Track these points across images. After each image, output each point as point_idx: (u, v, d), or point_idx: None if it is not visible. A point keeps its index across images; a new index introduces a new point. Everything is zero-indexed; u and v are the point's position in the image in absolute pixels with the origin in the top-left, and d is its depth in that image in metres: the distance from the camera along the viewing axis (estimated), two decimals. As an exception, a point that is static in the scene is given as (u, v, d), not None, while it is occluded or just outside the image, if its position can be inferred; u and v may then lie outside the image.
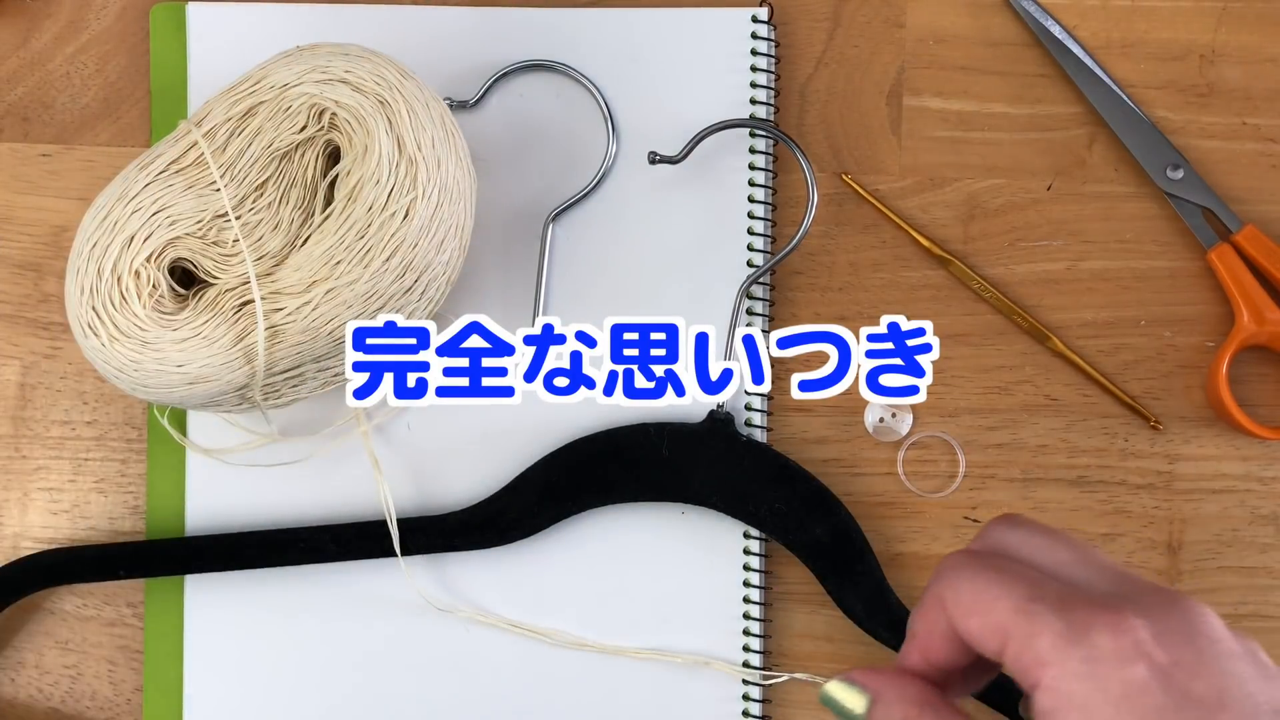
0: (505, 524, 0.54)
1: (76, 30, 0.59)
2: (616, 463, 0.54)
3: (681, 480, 0.54)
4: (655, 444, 0.54)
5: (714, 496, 0.54)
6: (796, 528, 0.53)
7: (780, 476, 0.54)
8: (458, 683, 0.57)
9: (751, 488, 0.53)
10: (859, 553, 0.53)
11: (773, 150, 0.57)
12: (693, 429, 0.54)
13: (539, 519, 0.54)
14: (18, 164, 0.59)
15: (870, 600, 0.54)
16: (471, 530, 0.54)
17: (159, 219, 0.51)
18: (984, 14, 0.57)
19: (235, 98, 0.51)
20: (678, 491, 0.54)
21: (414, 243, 0.50)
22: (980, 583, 0.34)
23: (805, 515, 0.53)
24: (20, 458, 0.59)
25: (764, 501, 0.53)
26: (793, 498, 0.53)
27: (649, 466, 0.54)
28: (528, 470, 0.55)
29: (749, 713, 0.56)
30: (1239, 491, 0.56)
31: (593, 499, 0.54)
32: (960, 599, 0.35)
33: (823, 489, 0.54)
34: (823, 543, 0.53)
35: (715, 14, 0.57)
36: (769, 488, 0.53)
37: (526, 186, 0.57)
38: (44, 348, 0.59)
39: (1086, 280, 0.57)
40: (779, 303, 0.57)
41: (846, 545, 0.53)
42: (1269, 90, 0.57)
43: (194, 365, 0.50)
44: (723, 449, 0.54)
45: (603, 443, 0.54)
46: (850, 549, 0.53)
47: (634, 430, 0.54)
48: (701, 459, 0.53)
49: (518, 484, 0.55)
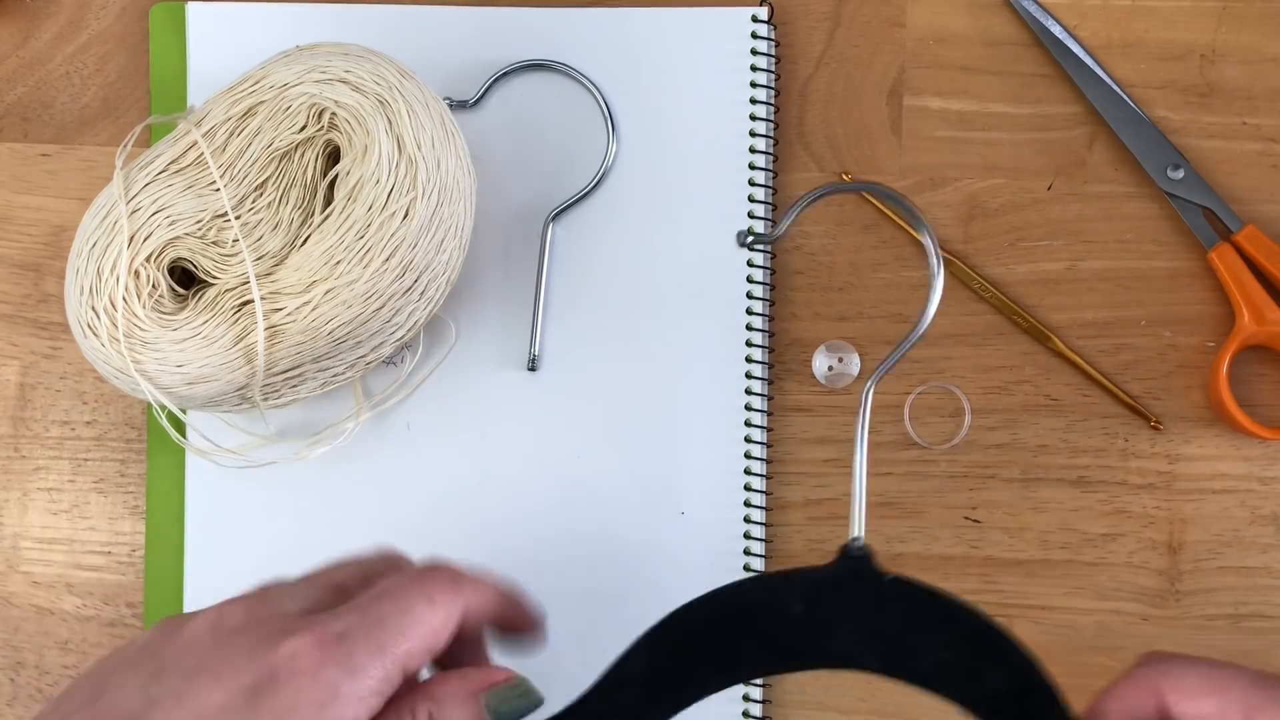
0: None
1: (76, 30, 0.59)
2: (738, 630, 0.42)
3: (822, 641, 0.42)
4: (783, 599, 0.42)
5: (865, 656, 0.42)
6: (969, 680, 0.41)
7: (939, 618, 0.42)
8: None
9: (907, 638, 0.42)
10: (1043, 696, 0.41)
11: (773, 150, 0.57)
12: (825, 574, 0.42)
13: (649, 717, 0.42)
14: (17, 164, 0.59)
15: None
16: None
17: (159, 219, 0.51)
18: (984, 14, 0.57)
19: (235, 97, 0.51)
20: (821, 655, 0.42)
21: (414, 243, 0.50)
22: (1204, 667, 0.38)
23: (978, 662, 0.41)
24: (20, 458, 0.59)
25: (926, 653, 0.41)
26: (959, 643, 0.41)
27: (779, 630, 0.42)
28: (626, 656, 0.42)
29: (749, 713, 0.56)
30: (1239, 492, 0.56)
31: (715, 681, 0.42)
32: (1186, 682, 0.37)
33: (989, 623, 0.41)
34: (1002, 694, 0.41)
35: (715, 14, 0.57)
36: (928, 635, 0.41)
37: (526, 186, 0.57)
38: (44, 348, 0.59)
39: (1087, 280, 0.57)
40: (779, 303, 0.57)
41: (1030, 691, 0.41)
42: (1269, 90, 0.57)
43: (193, 365, 0.50)
44: (866, 594, 0.42)
45: (717, 607, 0.42)
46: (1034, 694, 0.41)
47: (754, 586, 0.43)
48: (843, 610, 0.42)
49: (616, 678, 0.42)
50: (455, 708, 0.39)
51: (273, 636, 0.38)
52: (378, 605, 0.39)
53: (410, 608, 0.39)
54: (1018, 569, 0.56)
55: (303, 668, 0.37)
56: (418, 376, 0.57)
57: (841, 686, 0.56)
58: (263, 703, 0.36)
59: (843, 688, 0.56)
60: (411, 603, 0.39)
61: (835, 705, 0.57)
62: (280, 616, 0.40)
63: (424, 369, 0.57)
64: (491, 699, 0.39)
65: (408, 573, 0.41)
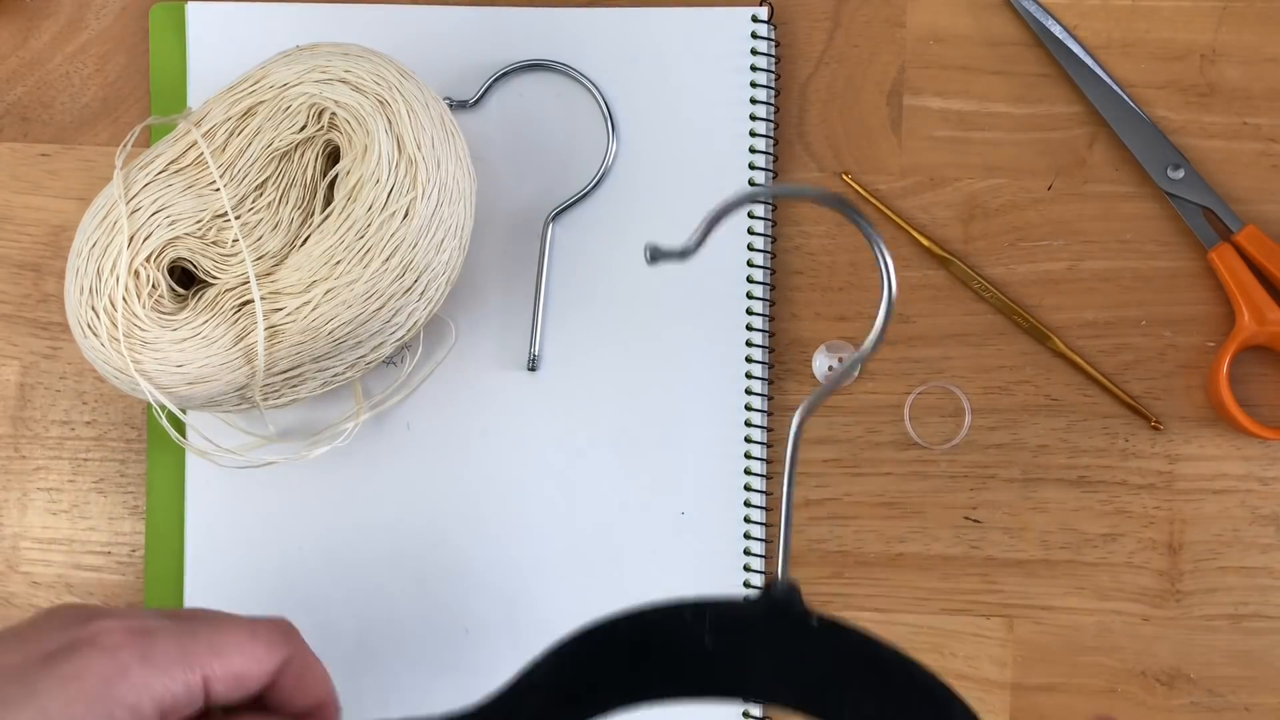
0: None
1: (76, 30, 0.59)
2: (645, 656, 0.40)
3: (735, 677, 0.40)
4: (694, 632, 0.39)
5: (781, 695, 0.40)
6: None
7: (868, 667, 0.39)
8: (457, 683, 0.57)
9: (830, 685, 0.39)
10: None
11: (773, 150, 0.57)
12: (743, 610, 0.40)
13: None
14: (17, 164, 0.59)
15: None
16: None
17: (159, 219, 0.51)
18: (984, 14, 0.57)
19: (235, 97, 0.51)
20: (732, 689, 0.40)
21: (414, 243, 0.50)
22: None
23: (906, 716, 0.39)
24: (20, 458, 0.59)
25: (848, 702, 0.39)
26: (888, 698, 0.39)
27: (687, 661, 0.40)
28: (531, 669, 0.41)
29: (749, 713, 0.56)
30: (1240, 492, 0.56)
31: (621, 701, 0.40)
32: None
33: (931, 683, 0.39)
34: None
35: (715, 14, 0.57)
36: (854, 683, 0.39)
37: (526, 186, 0.57)
38: (43, 348, 0.59)
39: (1087, 280, 0.57)
40: (779, 302, 0.57)
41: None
42: (1269, 90, 0.57)
43: (193, 365, 0.50)
44: (787, 636, 0.39)
45: (625, 630, 0.40)
46: None
47: (664, 614, 0.40)
48: (759, 649, 0.40)
49: (521, 687, 0.41)
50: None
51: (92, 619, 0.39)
52: (196, 621, 0.41)
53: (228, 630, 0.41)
54: (1018, 569, 0.56)
55: (102, 644, 0.38)
56: (418, 376, 0.57)
57: (841, 687, 0.56)
58: (53, 666, 0.37)
59: (843, 688, 0.56)
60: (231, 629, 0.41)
61: (835, 705, 0.57)
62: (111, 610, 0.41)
63: (424, 369, 0.57)
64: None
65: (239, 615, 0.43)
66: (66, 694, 0.37)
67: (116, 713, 0.37)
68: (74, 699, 0.37)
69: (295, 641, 0.43)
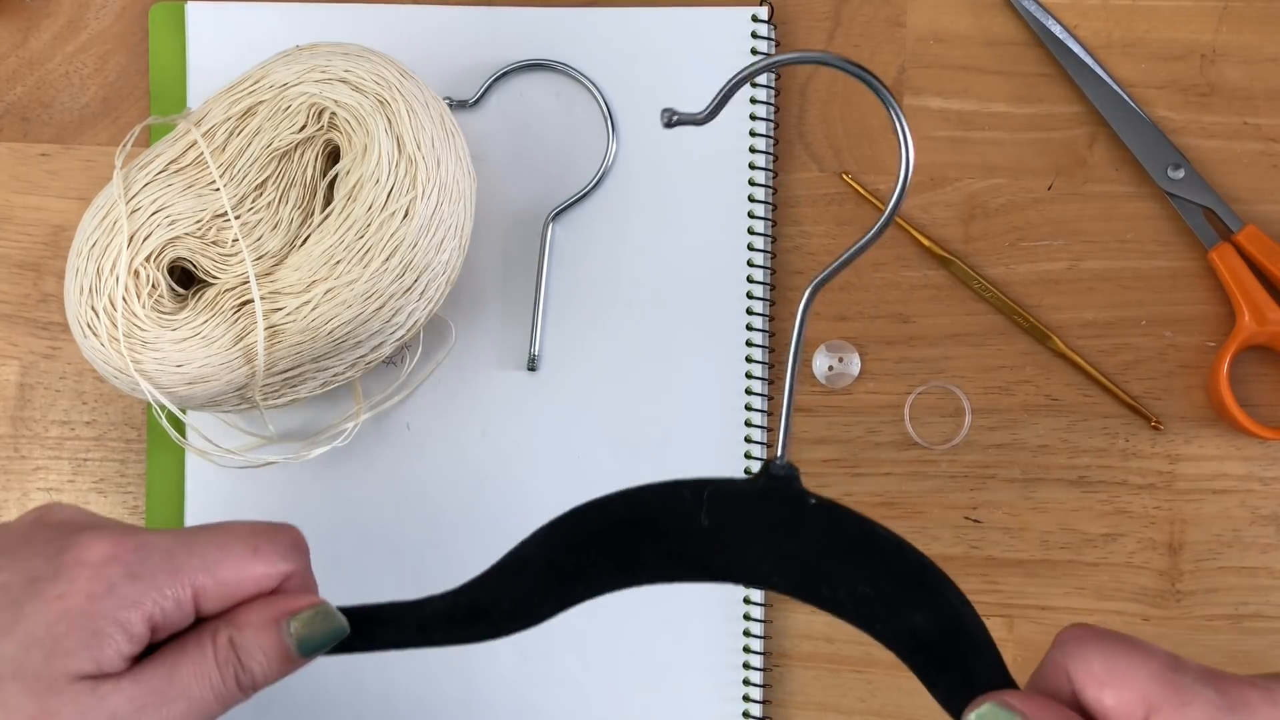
0: (499, 615, 0.41)
1: (75, 30, 0.59)
2: (640, 535, 0.40)
3: (730, 556, 0.40)
4: (691, 511, 0.40)
5: (774, 576, 0.40)
6: (889, 615, 0.39)
7: (864, 548, 0.39)
8: (457, 684, 0.57)
9: (826, 565, 0.39)
10: (976, 647, 0.39)
11: (773, 150, 0.57)
12: (741, 489, 0.40)
13: (541, 608, 0.41)
14: (17, 164, 0.59)
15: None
16: (456, 623, 0.42)
17: (158, 219, 0.51)
18: (984, 13, 0.57)
19: (234, 97, 0.51)
20: (725, 570, 0.40)
21: (413, 242, 0.50)
22: (1114, 654, 0.35)
23: (900, 598, 0.39)
24: (19, 458, 0.59)
25: (843, 582, 0.39)
26: (882, 576, 0.39)
27: (684, 539, 0.40)
28: (523, 546, 0.41)
29: (749, 714, 0.56)
30: (1240, 492, 0.56)
31: (610, 581, 0.41)
32: (1092, 670, 0.35)
33: (924, 562, 0.39)
34: (925, 635, 0.39)
35: (715, 14, 0.57)
36: (849, 563, 0.39)
37: (526, 186, 0.57)
38: (43, 348, 0.59)
39: (1087, 280, 0.57)
40: (779, 302, 0.57)
41: (957, 638, 0.39)
42: (1270, 90, 0.57)
43: (193, 365, 0.50)
44: (784, 515, 0.39)
45: (620, 509, 0.40)
46: (963, 642, 0.39)
47: (661, 491, 0.40)
48: (756, 529, 0.40)
49: (511, 564, 0.41)
50: (257, 634, 0.39)
51: (79, 531, 0.39)
52: (197, 535, 0.39)
53: (228, 546, 0.39)
54: (1018, 569, 0.56)
55: (87, 559, 0.37)
56: (418, 376, 0.57)
57: (842, 687, 0.56)
58: (40, 586, 0.37)
59: (843, 688, 0.56)
60: (231, 544, 0.39)
61: (835, 705, 0.57)
62: (99, 520, 0.41)
63: (424, 369, 0.57)
64: (295, 624, 0.39)
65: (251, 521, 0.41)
66: (50, 614, 0.36)
67: (104, 628, 0.36)
68: (57, 618, 0.36)
69: (299, 559, 0.41)
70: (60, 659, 0.36)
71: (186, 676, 0.38)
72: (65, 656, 0.36)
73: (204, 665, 0.38)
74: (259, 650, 0.39)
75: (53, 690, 0.36)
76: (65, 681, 0.36)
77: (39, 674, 0.36)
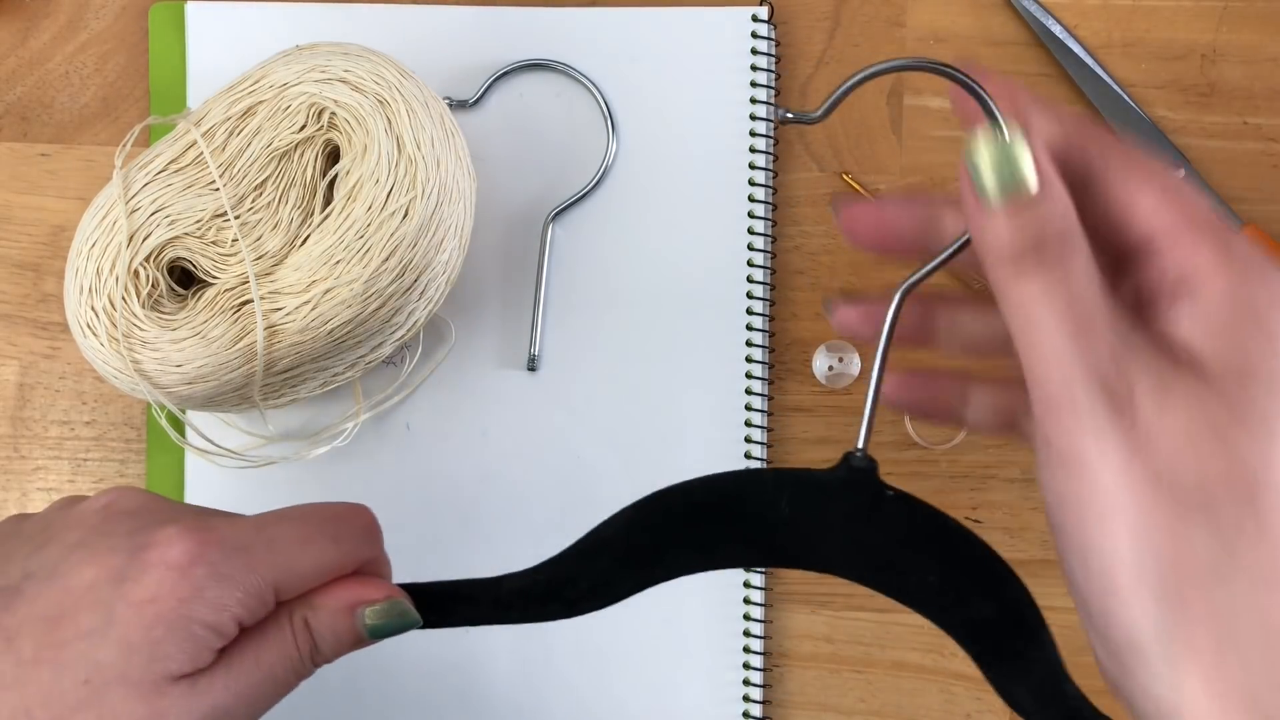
0: (575, 595, 0.42)
1: (75, 30, 0.59)
2: (720, 521, 0.41)
3: (806, 544, 0.41)
4: (773, 498, 0.41)
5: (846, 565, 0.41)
6: (954, 604, 0.40)
7: (935, 539, 0.41)
8: (457, 683, 0.56)
9: (897, 555, 0.41)
10: (1032, 633, 0.40)
11: (773, 150, 0.57)
12: (823, 479, 0.41)
13: (618, 588, 0.42)
14: (17, 163, 0.59)
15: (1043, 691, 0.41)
16: (531, 601, 0.43)
17: (158, 219, 0.51)
18: (984, 13, 0.57)
19: (234, 97, 0.51)
20: (800, 557, 0.41)
21: (413, 242, 0.50)
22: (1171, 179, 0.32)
23: (967, 588, 0.40)
24: (19, 458, 0.59)
25: (913, 572, 0.41)
26: (951, 567, 0.40)
27: (763, 527, 0.41)
28: (604, 527, 0.42)
29: (749, 714, 0.56)
30: (1240, 492, 0.56)
31: (687, 564, 0.42)
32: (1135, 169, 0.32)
33: (990, 554, 0.40)
34: (987, 622, 0.40)
35: (715, 14, 0.57)
36: (920, 553, 0.41)
37: (526, 186, 0.57)
38: (43, 348, 0.59)
39: (1087, 280, 0.56)
40: (780, 302, 0.57)
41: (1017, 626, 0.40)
42: (1270, 90, 0.57)
43: (193, 365, 0.50)
44: (862, 505, 0.40)
45: (702, 495, 0.41)
46: (1022, 630, 0.40)
47: (745, 479, 0.42)
48: (833, 518, 0.41)
49: (590, 546, 0.42)
50: (331, 618, 0.40)
51: (157, 524, 0.38)
52: (278, 526, 0.39)
53: (310, 540, 0.40)
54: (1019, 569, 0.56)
55: (173, 560, 0.37)
56: (418, 376, 0.57)
57: (842, 687, 0.56)
58: (127, 588, 0.37)
59: (843, 688, 0.56)
60: (313, 536, 0.40)
61: (835, 705, 0.56)
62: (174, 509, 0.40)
63: (424, 369, 0.57)
64: (369, 615, 0.40)
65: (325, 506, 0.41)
66: (145, 619, 0.36)
67: (198, 632, 0.37)
68: (153, 623, 0.36)
69: (375, 544, 0.42)
70: (161, 662, 0.36)
71: (271, 658, 0.39)
72: (166, 660, 0.36)
73: (284, 646, 0.39)
74: (331, 634, 0.40)
75: (159, 692, 0.36)
76: (168, 683, 0.37)
77: (142, 679, 0.36)
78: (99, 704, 0.36)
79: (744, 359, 0.56)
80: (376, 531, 0.42)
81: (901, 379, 0.39)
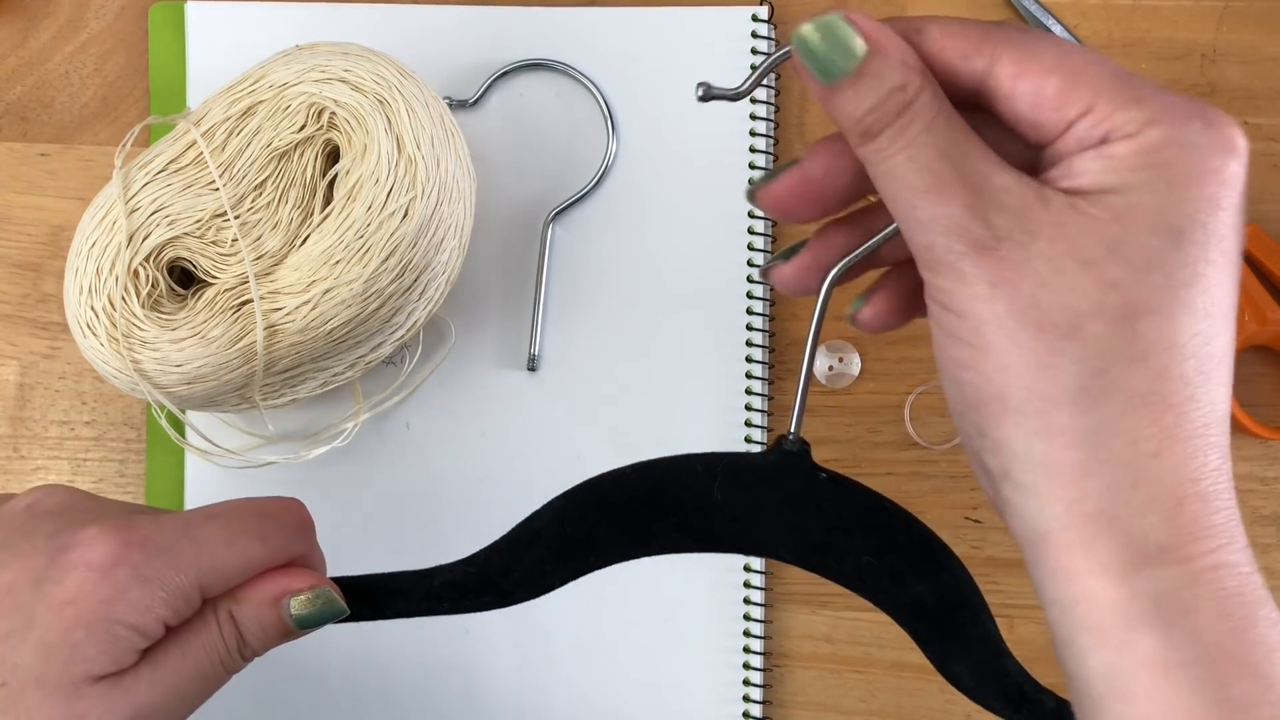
0: (508, 585, 0.42)
1: (75, 29, 0.59)
2: (652, 506, 0.41)
3: (740, 529, 0.41)
4: (704, 483, 0.41)
5: (783, 547, 0.41)
6: (892, 586, 0.40)
7: (873, 522, 0.40)
8: (457, 683, 0.56)
9: (834, 537, 0.40)
10: (972, 614, 0.41)
11: (773, 150, 0.57)
12: (755, 463, 0.41)
13: (551, 578, 0.42)
14: (16, 163, 0.59)
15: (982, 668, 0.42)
16: (465, 593, 0.43)
17: (158, 218, 0.51)
18: (985, 13, 0.57)
19: (234, 97, 0.51)
20: (735, 542, 0.41)
21: (413, 242, 0.50)
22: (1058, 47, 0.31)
23: (905, 570, 0.40)
24: (19, 458, 0.59)
25: (850, 554, 0.40)
26: (888, 549, 0.40)
27: (696, 512, 0.41)
28: (535, 518, 0.42)
29: (749, 714, 0.56)
30: (1240, 492, 0.55)
31: (620, 551, 0.42)
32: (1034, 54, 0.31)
33: (929, 536, 0.40)
34: (926, 604, 0.40)
35: (715, 14, 0.57)
36: (857, 536, 0.40)
37: (526, 186, 0.57)
38: (43, 348, 0.59)
39: (1087, 280, 0.56)
40: (780, 302, 0.57)
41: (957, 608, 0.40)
42: (1270, 90, 0.56)
43: (192, 365, 0.50)
44: (796, 489, 0.40)
45: (633, 482, 0.41)
46: (962, 612, 0.41)
47: (674, 464, 0.42)
48: (767, 502, 0.40)
49: (523, 535, 0.42)
50: (257, 610, 0.40)
51: (79, 524, 0.38)
52: (204, 525, 0.39)
53: (237, 538, 0.39)
54: (1019, 569, 0.56)
55: (94, 561, 0.37)
56: (418, 376, 0.57)
57: (842, 687, 0.56)
58: (47, 589, 0.36)
59: (843, 688, 0.56)
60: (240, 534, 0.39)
61: (835, 705, 0.56)
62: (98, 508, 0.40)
63: (424, 369, 0.57)
64: (294, 604, 0.40)
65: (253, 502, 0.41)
66: (64, 621, 0.36)
67: (120, 632, 0.36)
68: (72, 625, 0.36)
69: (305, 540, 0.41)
70: (81, 664, 0.36)
71: (198, 653, 0.39)
72: (86, 662, 0.36)
73: (211, 641, 0.39)
74: (258, 626, 0.40)
75: (78, 694, 0.36)
76: (88, 684, 0.36)
77: (60, 680, 0.36)
78: (15, 707, 0.36)
79: (744, 358, 0.56)
80: (308, 527, 0.42)
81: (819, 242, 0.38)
